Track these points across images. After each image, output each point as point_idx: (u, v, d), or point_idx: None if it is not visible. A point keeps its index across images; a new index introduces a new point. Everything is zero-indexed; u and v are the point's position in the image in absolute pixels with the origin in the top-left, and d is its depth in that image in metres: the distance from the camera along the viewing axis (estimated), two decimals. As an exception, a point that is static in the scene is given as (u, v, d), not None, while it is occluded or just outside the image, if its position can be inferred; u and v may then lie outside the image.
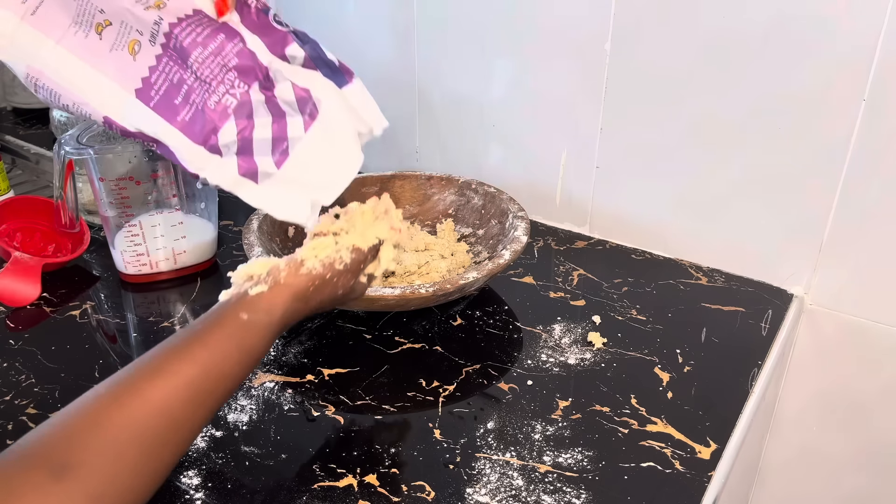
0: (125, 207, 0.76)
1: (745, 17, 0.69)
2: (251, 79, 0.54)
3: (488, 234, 0.80)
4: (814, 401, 0.81)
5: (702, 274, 0.81)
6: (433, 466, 0.54)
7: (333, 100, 0.56)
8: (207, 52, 0.54)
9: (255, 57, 0.54)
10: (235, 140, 0.54)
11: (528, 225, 0.73)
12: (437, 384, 0.63)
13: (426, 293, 0.62)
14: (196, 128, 0.55)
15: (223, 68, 0.54)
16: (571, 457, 0.55)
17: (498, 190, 0.81)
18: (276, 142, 0.55)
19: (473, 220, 0.83)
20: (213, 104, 0.54)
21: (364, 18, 0.96)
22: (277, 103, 0.55)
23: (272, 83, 0.55)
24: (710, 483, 0.53)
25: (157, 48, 0.55)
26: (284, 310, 0.50)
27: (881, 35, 0.64)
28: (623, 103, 0.80)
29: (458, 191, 0.85)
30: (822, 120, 0.69)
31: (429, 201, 0.86)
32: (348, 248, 0.54)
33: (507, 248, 0.69)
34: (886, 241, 0.71)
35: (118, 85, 0.56)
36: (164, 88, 0.55)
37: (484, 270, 0.65)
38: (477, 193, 0.83)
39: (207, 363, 0.45)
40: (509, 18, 0.84)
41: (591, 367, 0.65)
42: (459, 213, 0.85)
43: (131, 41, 0.56)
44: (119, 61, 0.56)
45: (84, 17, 0.56)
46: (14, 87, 1.30)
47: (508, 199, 0.79)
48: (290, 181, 0.55)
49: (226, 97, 0.54)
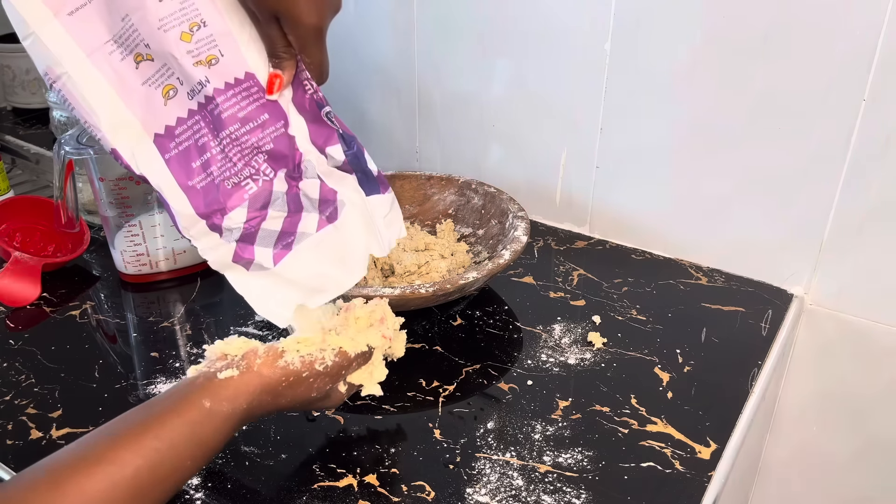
0: (125, 207, 0.76)
1: (745, 17, 0.69)
2: (281, 165, 0.51)
3: (488, 234, 0.80)
4: (814, 401, 0.81)
5: (702, 274, 0.81)
6: (433, 466, 0.54)
7: (358, 209, 0.53)
8: (245, 129, 0.51)
9: (294, 142, 0.51)
10: (241, 227, 0.51)
11: (527, 225, 0.73)
12: (437, 384, 0.63)
13: (426, 293, 0.62)
14: (204, 200, 0.51)
15: (254, 150, 0.51)
16: (571, 457, 0.55)
17: (498, 190, 0.81)
18: (283, 235, 0.51)
19: (473, 220, 0.83)
20: (230, 184, 0.51)
21: (364, 18, 0.96)
22: (299, 196, 0.51)
23: (301, 174, 0.52)
24: (710, 483, 0.53)
25: (193, 103, 0.51)
26: (250, 401, 0.46)
27: (881, 35, 0.64)
28: (623, 103, 0.80)
29: (458, 191, 0.85)
30: (822, 120, 0.69)
31: (429, 201, 0.86)
32: (334, 349, 0.50)
33: (507, 248, 0.69)
34: (886, 241, 0.71)
35: (139, 123, 0.52)
36: (186, 146, 0.52)
37: (484, 270, 0.65)
38: (477, 193, 0.83)
39: (155, 455, 0.42)
40: (509, 18, 0.84)
41: (591, 367, 0.65)
42: (459, 213, 0.85)
43: (167, 86, 0.51)
44: (148, 99, 0.52)
45: (126, 40, 0.51)
46: (14, 87, 1.30)
47: (508, 199, 0.79)
48: (281, 280, 0.52)
49: (247, 182, 0.51)
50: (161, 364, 0.66)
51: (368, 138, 1.03)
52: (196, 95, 0.51)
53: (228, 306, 0.76)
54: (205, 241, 0.52)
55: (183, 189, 0.52)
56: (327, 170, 0.53)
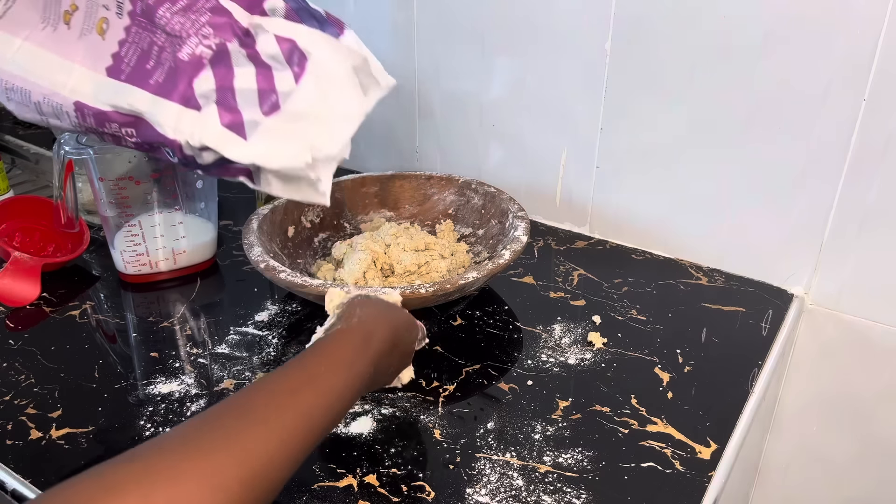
0: (125, 207, 0.76)
1: (744, 17, 0.69)
2: (228, 35, 0.51)
3: (488, 233, 0.80)
4: (814, 401, 0.81)
5: (702, 274, 0.81)
6: (433, 466, 0.54)
7: (323, 48, 0.52)
8: (176, 6, 0.51)
9: (231, 15, 0.51)
10: (213, 89, 0.50)
11: (527, 225, 0.73)
12: (437, 384, 0.63)
13: (426, 293, 0.62)
14: (170, 85, 0.51)
15: (195, 22, 0.50)
16: (571, 457, 0.55)
17: (498, 190, 0.81)
18: (263, 94, 0.51)
19: (473, 219, 0.83)
20: (185, 56, 0.50)
21: (364, 18, 0.96)
22: (260, 57, 0.51)
23: (253, 39, 0.51)
24: (710, 483, 0.53)
25: (125, 19, 0.53)
26: (381, 342, 0.50)
27: (881, 35, 0.64)
28: (623, 103, 0.80)
29: (458, 191, 0.85)
30: (822, 120, 0.69)
31: (428, 201, 0.86)
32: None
33: (507, 248, 0.69)
34: (886, 241, 0.71)
35: (88, 67, 0.54)
36: (135, 58, 0.53)
37: (484, 270, 0.65)
38: (477, 193, 0.83)
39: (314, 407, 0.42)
40: (509, 18, 0.84)
41: (591, 367, 0.65)
42: (459, 213, 0.85)
43: (99, 20, 0.54)
44: (89, 45, 0.54)
45: (51, 9, 0.55)
46: (14, 87, 1.30)
47: (508, 198, 0.79)
48: (282, 131, 0.51)
49: (199, 48, 0.50)
50: (161, 364, 0.66)
51: (369, 138, 1.03)
52: (124, 6, 0.53)
53: (228, 306, 0.76)
54: (189, 123, 0.51)
55: (149, 90, 0.52)
56: (275, 23, 0.52)
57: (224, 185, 0.79)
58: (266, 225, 0.75)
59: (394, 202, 0.87)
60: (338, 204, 0.84)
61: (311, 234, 0.82)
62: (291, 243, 0.78)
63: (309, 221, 0.82)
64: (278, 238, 0.77)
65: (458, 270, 0.76)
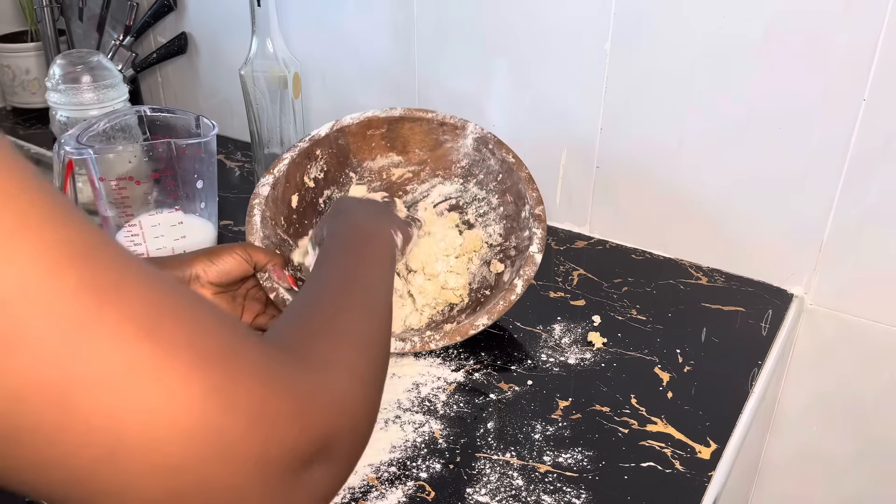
0: (125, 207, 0.76)
1: (745, 16, 0.69)
2: None
3: (504, 210, 0.75)
4: (814, 401, 0.81)
5: (702, 274, 0.81)
6: (433, 466, 0.54)
7: None
8: None
9: None
10: None
11: (543, 234, 0.69)
12: (437, 384, 0.63)
13: (436, 347, 0.64)
14: None
15: None
16: (571, 457, 0.55)
17: (517, 160, 0.74)
18: None
19: (489, 181, 0.77)
20: None
21: (364, 18, 0.96)
22: None
23: None
24: (710, 483, 0.53)
25: None
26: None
27: (881, 35, 0.64)
28: (623, 103, 0.80)
29: (475, 146, 0.77)
30: (822, 120, 0.69)
31: (440, 147, 0.78)
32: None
33: (518, 276, 0.66)
34: (886, 241, 0.71)
35: None
36: None
37: (494, 313, 0.64)
38: (493, 156, 0.75)
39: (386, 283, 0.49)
40: (509, 18, 0.84)
41: (591, 367, 0.65)
42: (474, 169, 0.78)
43: None
44: None
45: None
46: (14, 87, 1.30)
47: (527, 178, 0.72)
48: None
49: None
50: (161, 364, 0.66)
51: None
52: None
53: (228, 306, 0.76)
54: None
55: None
56: None
57: (224, 185, 0.79)
58: (269, 210, 0.71)
59: (402, 145, 0.79)
60: (342, 151, 0.78)
61: (315, 195, 0.76)
62: (296, 215, 0.74)
63: (312, 180, 0.76)
64: (282, 217, 0.73)
65: (468, 255, 0.74)
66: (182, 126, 0.80)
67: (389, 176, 0.79)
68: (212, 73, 1.17)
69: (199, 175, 0.78)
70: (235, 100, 1.08)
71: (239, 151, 1.12)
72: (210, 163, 0.78)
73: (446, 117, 0.77)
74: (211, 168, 0.79)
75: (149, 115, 0.82)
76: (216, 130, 0.77)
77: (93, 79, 0.88)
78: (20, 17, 1.31)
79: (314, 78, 1.03)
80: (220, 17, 1.11)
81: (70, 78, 0.87)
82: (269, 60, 0.92)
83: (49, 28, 1.17)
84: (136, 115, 0.81)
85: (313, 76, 1.03)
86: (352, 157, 0.78)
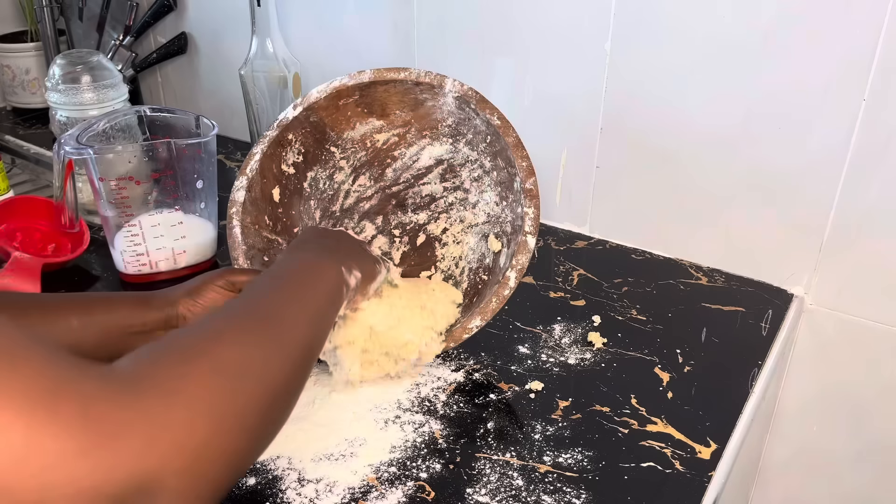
0: (125, 207, 0.76)
1: (744, 17, 0.69)
2: None
3: (497, 175, 0.70)
4: (814, 401, 0.81)
5: (702, 274, 0.80)
6: (434, 466, 0.54)
7: None
8: None
9: None
10: None
11: (536, 213, 0.65)
12: (437, 384, 0.63)
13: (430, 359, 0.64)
14: None
15: None
16: (571, 457, 0.55)
17: (503, 122, 0.66)
18: None
19: (478, 142, 0.71)
20: None
21: (364, 18, 0.96)
22: None
23: None
24: (710, 483, 0.53)
25: None
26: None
27: (881, 35, 0.64)
28: (623, 103, 0.80)
29: (457, 104, 0.69)
30: (822, 120, 0.69)
31: (422, 107, 0.72)
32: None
33: (511, 267, 0.63)
34: (886, 241, 0.71)
35: None
36: None
37: (487, 313, 0.62)
38: (478, 117, 0.68)
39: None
40: (509, 18, 0.84)
41: (591, 367, 0.65)
42: (461, 127, 0.72)
43: None
44: None
45: None
46: (14, 87, 1.30)
47: (515, 143, 0.65)
48: None
49: None
50: (161, 364, 0.66)
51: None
52: None
53: (228, 306, 0.76)
54: None
55: None
56: None
57: (224, 185, 0.79)
58: (250, 216, 0.67)
59: (381, 109, 0.73)
60: (317, 128, 0.73)
61: (297, 181, 0.73)
62: (281, 208, 0.71)
63: (291, 166, 0.72)
64: (266, 216, 0.70)
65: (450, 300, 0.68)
66: (182, 126, 0.80)
67: (374, 143, 0.74)
68: (212, 73, 1.17)
69: (199, 175, 0.78)
70: (235, 100, 1.08)
71: (239, 151, 1.12)
72: (210, 163, 0.78)
73: (421, 74, 0.68)
74: (211, 168, 0.79)
75: (149, 115, 0.82)
76: (216, 130, 0.77)
77: (93, 79, 0.88)
78: (20, 17, 1.31)
79: (314, 78, 1.03)
80: (220, 17, 1.11)
81: (70, 78, 0.87)
82: (269, 60, 0.92)
83: (49, 28, 1.17)
84: (135, 115, 0.81)
85: (313, 76, 1.03)
86: (329, 132, 0.73)
